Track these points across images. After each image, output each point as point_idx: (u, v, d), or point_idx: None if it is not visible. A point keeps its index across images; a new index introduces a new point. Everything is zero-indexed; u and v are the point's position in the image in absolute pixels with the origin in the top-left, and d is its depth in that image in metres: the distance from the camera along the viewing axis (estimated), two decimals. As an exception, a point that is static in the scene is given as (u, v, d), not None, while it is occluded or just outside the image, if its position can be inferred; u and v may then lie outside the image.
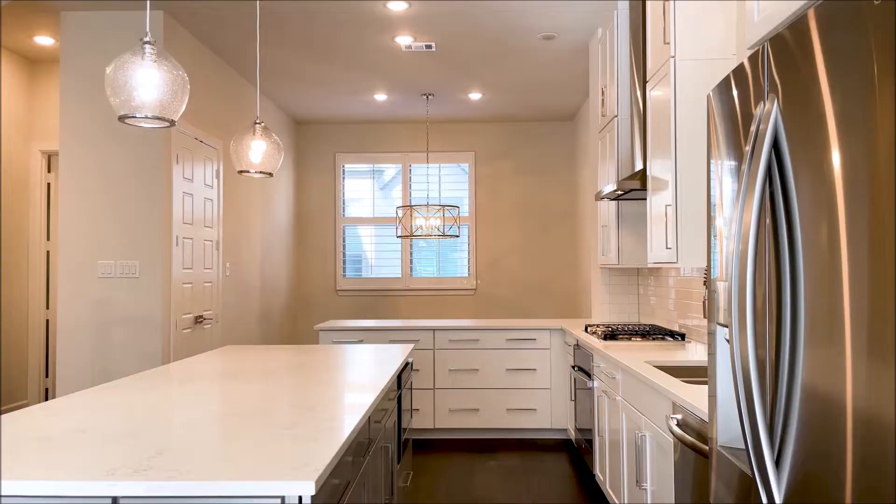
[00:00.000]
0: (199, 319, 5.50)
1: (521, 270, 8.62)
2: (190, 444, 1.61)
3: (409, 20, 5.10)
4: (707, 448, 1.90)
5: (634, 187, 3.89)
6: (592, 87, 5.63)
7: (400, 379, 3.26)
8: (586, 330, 4.52)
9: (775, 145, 1.24)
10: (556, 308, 8.57)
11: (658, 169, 3.58)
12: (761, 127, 1.26)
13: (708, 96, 1.64)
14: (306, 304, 8.73)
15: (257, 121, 3.19)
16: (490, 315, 8.59)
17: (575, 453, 4.86)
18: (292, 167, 8.51)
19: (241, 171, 3.17)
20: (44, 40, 5.64)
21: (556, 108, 7.92)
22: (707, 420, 1.97)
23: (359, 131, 8.70)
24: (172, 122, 2.11)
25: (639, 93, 4.35)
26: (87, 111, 4.95)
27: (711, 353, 1.58)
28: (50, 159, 6.32)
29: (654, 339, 3.91)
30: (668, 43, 3.32)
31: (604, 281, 5.23)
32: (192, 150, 5.45)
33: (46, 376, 6.31)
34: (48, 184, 6.32)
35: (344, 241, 8.81)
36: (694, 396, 2.13)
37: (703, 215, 3.24)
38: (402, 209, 7.62)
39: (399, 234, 7.45)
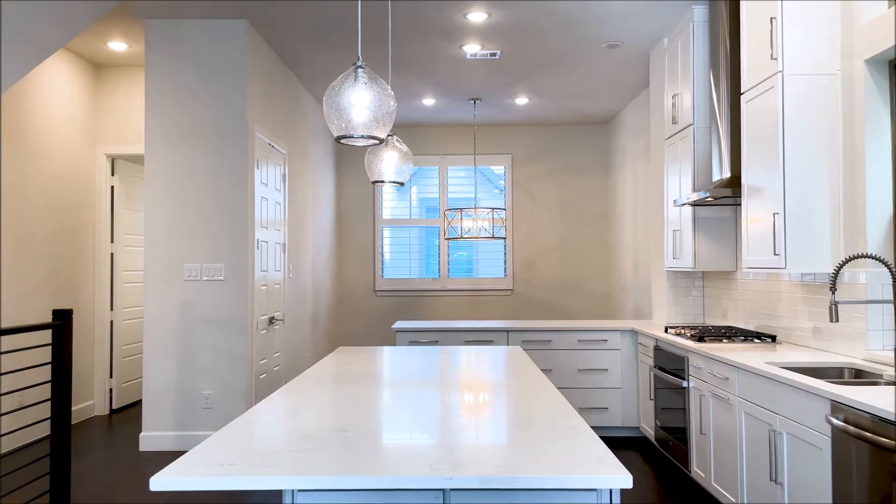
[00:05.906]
0: (271, 321, 5.62)
1: (557, 271, 8.79)
2: (468, 442, 1.75)
3: (482, 30, 5.24)
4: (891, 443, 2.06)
5: (726, 195, 4.06)
6: (653, 95, 5.79)
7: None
8: (666, 331, 4.68)
9: None
10: (591, 309, 8.74)
11: (756, 177, 3.74)
12: None
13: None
14: (346, 304, 8.85)
15: (390, 133, 3.32)
16: (526, 316, 8.75)
17: (649, 449, 5.02)
18: (334, 170, 8.63)
19: (376, 182, 3.30)
20: (117, 46, 5.73)
21: (594, 113, 8.09)
22: (881, 417, 2.13)
23: (399, 134, 8.82)
24: (381, 140, 2.24)
25: (715, 100, 4.52)
26: (172, 117, 5.04)
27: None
28: (114, 163, 6.40)
29: (743, 340, 4.07)
30: (776, 58, 3.48)
31: (669, 284, 5.40)
32: (267, 155, 5.56)
33: (111, 377, 6.40)
34: (112, 187, 6.40)
35: (382, 242, 8.94)
36: (865, 397, 2.29)
37: (813, 223, 3.40)
38: (450, 212, 7.77)
39: (447, 236, 7.60)
